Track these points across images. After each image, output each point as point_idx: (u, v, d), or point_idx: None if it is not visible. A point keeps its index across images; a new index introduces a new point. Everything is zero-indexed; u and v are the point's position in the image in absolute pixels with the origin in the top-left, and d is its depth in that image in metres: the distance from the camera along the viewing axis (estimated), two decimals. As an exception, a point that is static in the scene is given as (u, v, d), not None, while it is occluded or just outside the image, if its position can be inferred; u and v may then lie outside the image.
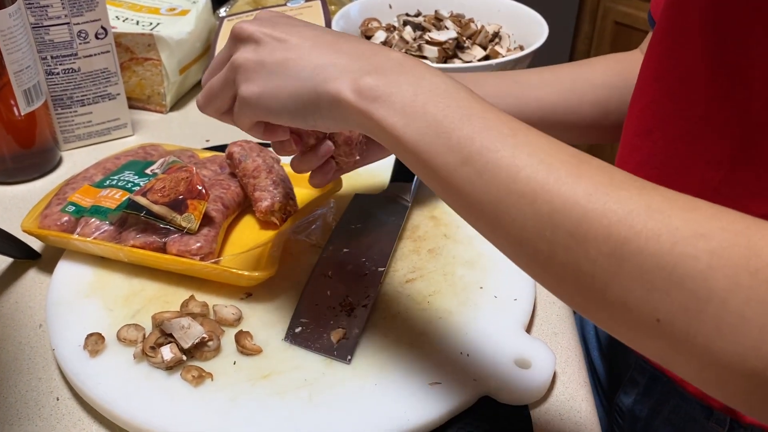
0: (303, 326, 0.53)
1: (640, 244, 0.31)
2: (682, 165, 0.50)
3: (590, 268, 0.33)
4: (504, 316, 0.55)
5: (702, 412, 0.56)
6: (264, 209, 0.62)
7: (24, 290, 0.60)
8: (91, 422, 0.49)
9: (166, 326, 0.50)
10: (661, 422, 0.60)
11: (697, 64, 0.46)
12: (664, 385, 0.59)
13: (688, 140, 0.49)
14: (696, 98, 0.47)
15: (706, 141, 0.47)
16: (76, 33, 0.74)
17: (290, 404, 0.48)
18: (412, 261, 0.61)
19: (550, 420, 0.49)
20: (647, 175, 0.53)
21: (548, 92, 0.63)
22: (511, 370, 0.50)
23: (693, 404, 0.56)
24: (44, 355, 0.54)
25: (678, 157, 0.50)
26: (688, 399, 0.57)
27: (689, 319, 0.30)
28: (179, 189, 0.58)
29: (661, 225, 0.31)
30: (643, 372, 0.61)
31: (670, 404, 0.59)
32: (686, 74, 0.47)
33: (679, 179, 0.50)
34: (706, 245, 0.30)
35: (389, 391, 0.49)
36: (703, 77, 0.46)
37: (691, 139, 0.48)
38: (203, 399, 0.48)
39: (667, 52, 0.49)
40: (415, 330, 0.54)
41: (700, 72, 0.46)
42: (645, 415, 0.61)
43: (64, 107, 0.78)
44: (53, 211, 0.61)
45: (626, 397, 0.63)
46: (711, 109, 0.46)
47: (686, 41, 0.47)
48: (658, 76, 0.51)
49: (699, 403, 0.56)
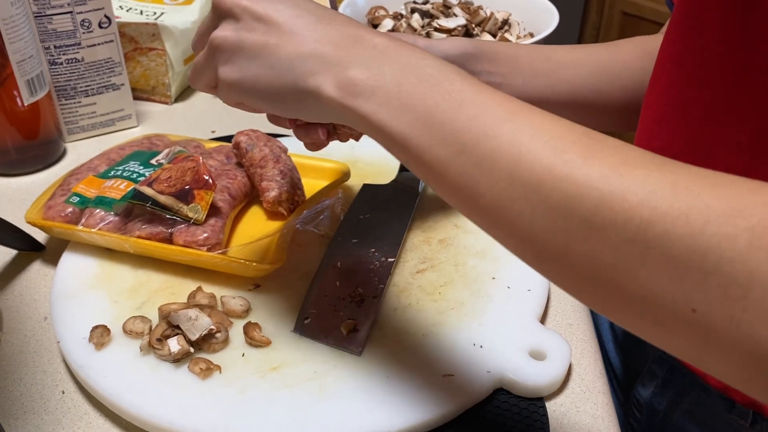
0: (312, 318, 0.52)
1: (666, 227, 0.28)
2: (703, 151, 0.48)
3: (611, 260, 0.29)
4: (517, 306, 0.54)
5: (723, 404, 0.55)
6: (271, 199, 0.61)
7: (28, 282, 0.59)
8: (97, 416, 0.48)
9: (173, 318, 0.49)
10: (680, 415, 0.59)
11: (718, 45, 0.45)
12: (684, 377, 0.57)
13: (709, 125, 0.47)
14: (717, 82, 0.46)
15: (729, 126, 0.46)
16: (80, 22, 0.73)
17: (300, 397, 0.47)
18: (423, 251, 0.60)
19: (566, 413, 0.48)
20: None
21: (579, 72, 0.61)
22: (526, 361, 0.49)
23: (714, 397, 0.55)
24: (49, 348, 0.53)
25: (699, 143, 0.48)
26: (710, 391, 0.55)
27: (730, 308, 0.26)
28: (185, 179, 0.57)
29: (690, 203, 0.28)
30: (662, 364, 0.60)
31: (690, 396, 0.57)
32: (707, 57, 0.46)
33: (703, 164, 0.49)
34: (745, 222, 0.26)
35: (401, 383, 0.48)
36: (723, 60, 0.45)
37: (713, 124, 0.47)
38: (211, 392, 0.47)
39: (687, 35, 0.48)
40: (426, 321, 0.53)
41: (720, 54, 0.45)
42: (664, 408, 0.60)
43: (67, 98, 0.77)
44: (57, 202, 0.60)
45: (644, 390, 0.62)
46: (733, 92, 0.45)
47: (706, 23, 0.45)
48: (677, 61, 0.49)
49: (720, 396, 0.54)
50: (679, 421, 0.59)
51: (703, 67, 0.46)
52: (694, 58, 0.47)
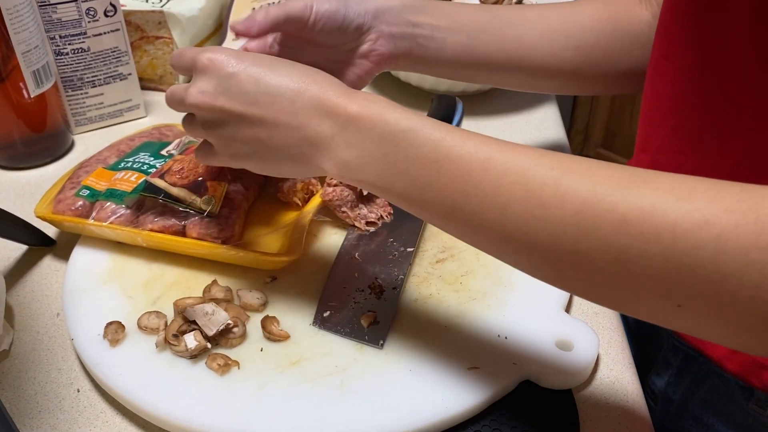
0: (332, 310, 0.51)
1: (641, 248, 0.32)
2: (721, 130, 0.46)
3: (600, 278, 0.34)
4: (542, 296, 0.52)
5: (742, 393, 0.53)
6: (286, 189, 0.59)
7: (40, 278, 0.58)
8: (113, 414, 0.47)
9: (189, 313, 0.48)
10: (696, 404, 0.57)
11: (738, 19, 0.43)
12: (700, 365, 0.56)
13: (728, 103, 0.45)
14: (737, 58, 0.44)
15: (748, 104, 0.44)
16: (85, 11, 0.72)
17: (321, 392, 0.45)
18: (442, 240, 0.58)
19: (595, 404, 0.47)
20: (683, 139, 0.50)
21: (529, 31, 0.59)
22: (553, 352, 0.47)
23: (731, 384, 0.53)
24: (63, 345, 0.52)
25: (717, 122, 0.47)
26: (726, 379, 0.54)
27: (708, 301, 0.31)
28: (198, 170, 0.56)
29: (658, 224, 0.31)
30: (677, 352, 0.58)
31: (706, 385, 0.56)
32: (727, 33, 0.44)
33: (719, 145, 0.47)
34: (710, 232, 0.30)
35: (425, 376, 0.46)
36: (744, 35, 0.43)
37: (732, 102, 0.45)
38: (230, 388, 0.46)
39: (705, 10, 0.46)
40: (448, 312, 0.51)
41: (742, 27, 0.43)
42: (679, 397, 0.59)
43: (74, 89, 0.75)
44: (67, 196, 0.58)
45: (659, 379, 0.60)
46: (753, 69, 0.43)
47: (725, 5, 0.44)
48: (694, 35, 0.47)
49: (738, 383, 0.53)
50: (695, 411, 0.57)
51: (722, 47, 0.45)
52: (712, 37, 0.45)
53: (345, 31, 0.54)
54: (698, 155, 0.49)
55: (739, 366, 0.52)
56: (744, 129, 0.45)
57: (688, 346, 0.57)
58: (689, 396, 0.58)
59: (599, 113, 2.07)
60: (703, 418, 0.57)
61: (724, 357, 0.53)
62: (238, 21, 0.51)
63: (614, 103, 2.01)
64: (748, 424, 0.54)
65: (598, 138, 2.12)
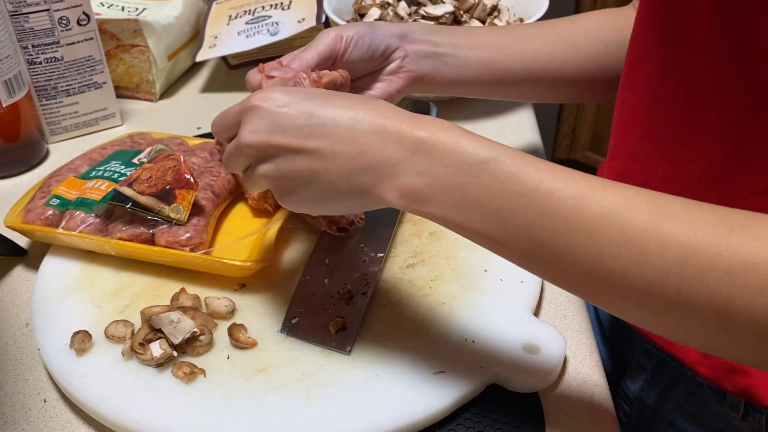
0: (300, 317, 0.51)
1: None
2: (689, 135, 0.47)
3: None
4: (510, 299, 0.52)
5: (714, 396, 0.53)
6: (256, 196, 0.59)
7: (10, 288, 0.58)
8: (80, 424, 0.46)
9: (154, 321, 0.48)
10: (670, 408, 0.57)
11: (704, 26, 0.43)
12: (674, 370, 0.56)
13: (695, 109, 0.46)
14: (704, 65, 0.44)
15: (715, 110, 0.45)
16: (57, 20, 0.71)
17: (288, 399, 0.45)
18: (413, 245, 0.58)
19: (561, 407, 0.47)
20: (653, 145, 0.50)
21: (543, 43, 0.61)
22: (520, 355, 0.47)
23: (704, 388, 0.53)
24: (31, 356, 0.51)
25: (685, 127, 0.47)
26: (699, 383, 0.54)
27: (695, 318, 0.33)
28: (166, 178, 0.55)
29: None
30: (650, 356, 0.58)
31: (680, 389, 0.56)
32: (694, 40, 0.45)
33: (687, 150, 0.47)
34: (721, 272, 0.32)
35: (392, 382, 0.46)
36: (710, 42, 0.43)
37: (699, 108, 0.45)
38: (196, 397, 0.45)
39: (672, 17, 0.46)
40: (417, 317, 0.51)
41: (708, 35, 0.43)
42: (653, 402, 0.59)
43: (48, 98, 0.75)
44: (37, 205, 0.58)
45: (633, 384, 0.61)
46: (719, 76, 0.43)
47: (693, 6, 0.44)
48: (662, 42, 0.47)
49: (711, 387, 0.53)
50: (669, 415, 0.57)
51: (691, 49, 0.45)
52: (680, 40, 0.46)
53: (374, 53, 0.56)
54: (668, 161, 0.49)
55: (711, 370, 0.52)
56: (712, 134, 0.45)
57: (661, 350, 0.57)
58: (663, 400, 0.58)
59: (586, 117, 2.08)
60: (677, 421, 0.57)
61: (697, 361, 0.53)
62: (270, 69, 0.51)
63: (600, 107, 2.03)
64: (721, 427, 0.54)
65: (585, 141, 2.13)
